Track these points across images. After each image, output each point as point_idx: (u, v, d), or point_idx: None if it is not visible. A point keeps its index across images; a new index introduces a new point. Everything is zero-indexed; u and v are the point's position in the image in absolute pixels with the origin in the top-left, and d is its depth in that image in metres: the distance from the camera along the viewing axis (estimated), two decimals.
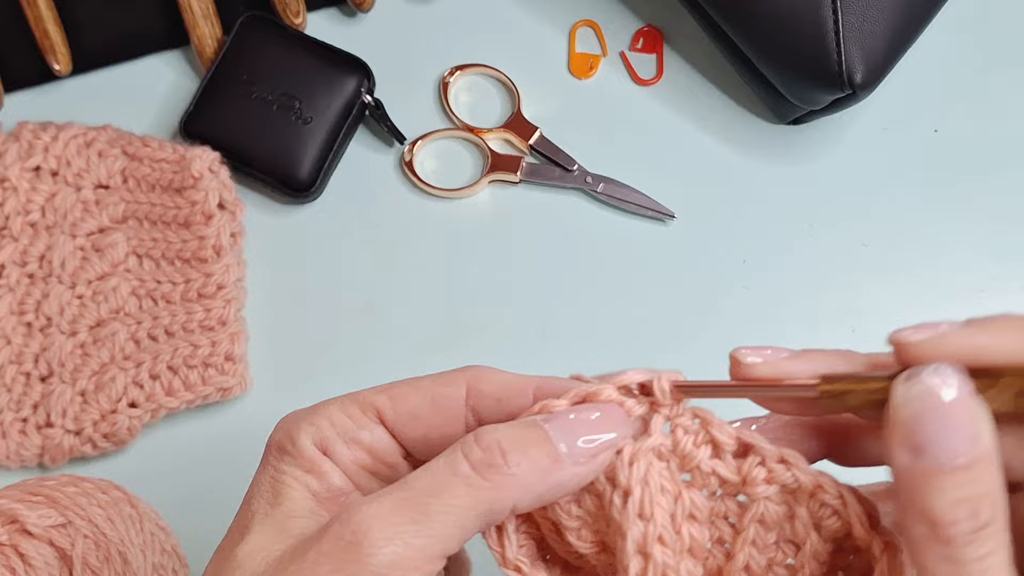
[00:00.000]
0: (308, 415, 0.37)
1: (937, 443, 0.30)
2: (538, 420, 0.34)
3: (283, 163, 0.61)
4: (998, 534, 0.30)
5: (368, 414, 0.36)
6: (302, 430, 0.36)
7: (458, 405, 0.37)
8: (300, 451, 0.36)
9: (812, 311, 0.61)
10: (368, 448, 0.36)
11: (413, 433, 0.37)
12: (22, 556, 0.48)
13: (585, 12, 0.66)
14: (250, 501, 0.36)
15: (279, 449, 0.36)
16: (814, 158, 0.64)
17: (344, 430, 0.36)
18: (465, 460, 0.33)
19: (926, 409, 0.30)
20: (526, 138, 0.63)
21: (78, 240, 0.60)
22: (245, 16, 0.63)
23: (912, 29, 0.60)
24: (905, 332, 0.32)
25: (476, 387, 0.37)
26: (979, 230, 0.62)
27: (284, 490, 0.35)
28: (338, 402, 0.37)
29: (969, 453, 0.30)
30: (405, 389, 0.37)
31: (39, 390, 0.58)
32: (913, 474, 0.30)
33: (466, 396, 0.37)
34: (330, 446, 0.36)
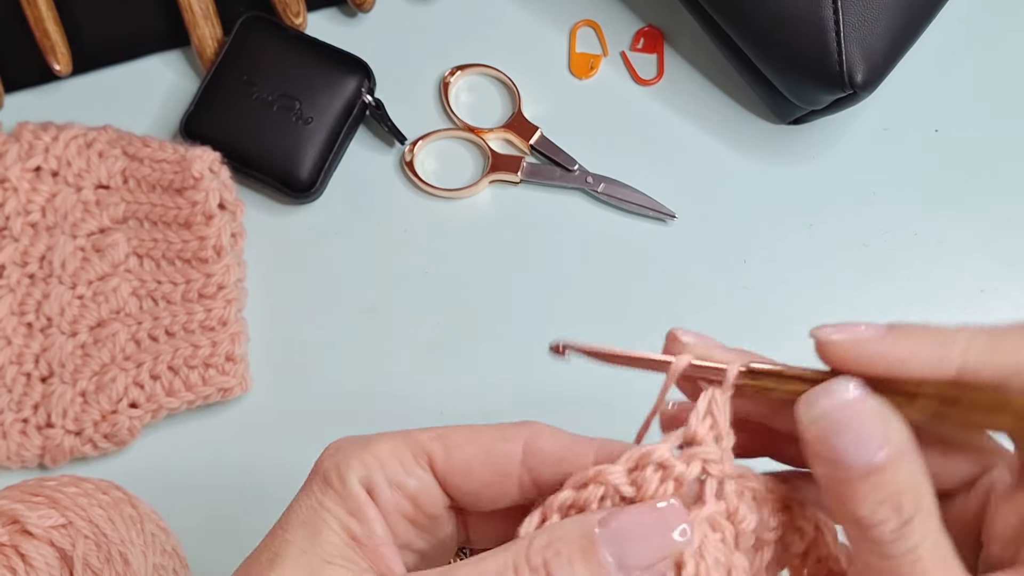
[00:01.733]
0: (360, 449, 0.35)
1: (847, 454, 0.31)
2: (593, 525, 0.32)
3: (283, 163, 0.61)
4: (925, 522, 0.31)
5: (420, 460, 0.35)
6: (352, 468, 0.35)
7: (514, 463, 0.35)
8: (347, 490, 0.35)
9: (812, 311, 0.61)
10: (413, 497, 0.35)
11: (464, 486, 0.36)
12: (23, 557, 0.48)
13: (586, 12, 0.66)
14: (287, 527, 0.35)
15: (325, 480, 0.35)
16: (814, 158, 0.64)
17: (393, 474, 0.35)
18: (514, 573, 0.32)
19: (829, 425, 0.32)
20: (527, 138, 0.63)
21: (78, 240, 0.60)
22: (245, 16, 0.63)
23: (912, 29, 0.59)
24: (826, 330, 0.34)
25: (535, 445, 0.35)
26: (979, 230, 0.63)
27: (324, 528, 0.34)
28: (390, 441, 0.36)
29: (879, 456, 0.31)
30: (461, 439, 0.36)
31: (40, 391, 0.58)
32: (833, 484, 0.32)
33: (523, 454, 0.36)
34: (376, 489, 0.35)
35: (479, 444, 0.35)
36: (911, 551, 0.31)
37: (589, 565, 0.32)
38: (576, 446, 0.35)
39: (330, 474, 0.35)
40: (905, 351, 0.33)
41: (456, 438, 0.36)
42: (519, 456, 0.35)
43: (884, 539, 0.31)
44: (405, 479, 0.35)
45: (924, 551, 0.31)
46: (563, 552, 0.32)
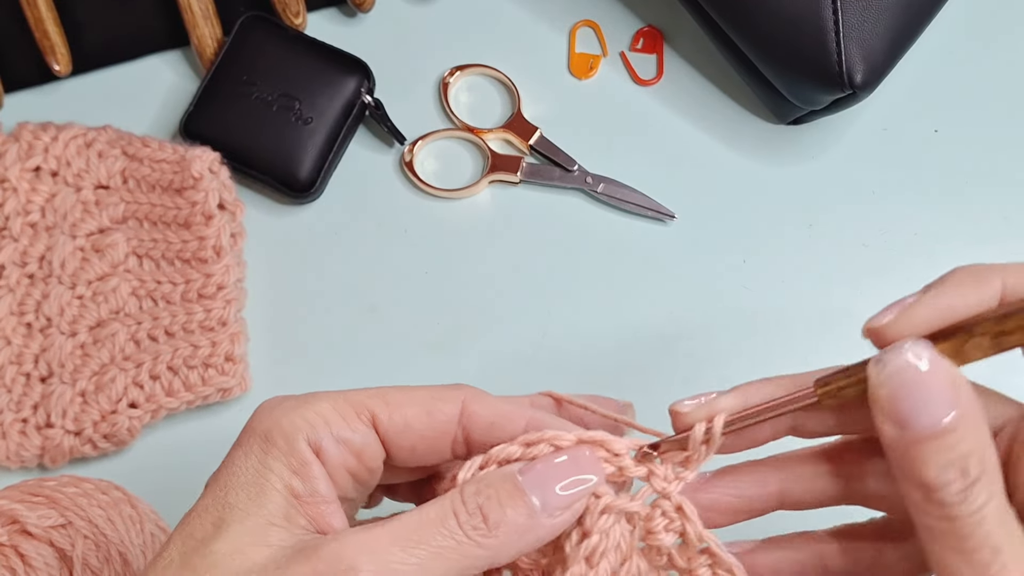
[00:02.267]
0: (300, 408, 0.36)
1: (916, 415, 0.32)
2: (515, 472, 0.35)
3: (283, 163, 0.61)
4: (990, 484, 0.32)
5: (362, 417, 0.37)
6: (297, 427, 0.35)
7: (451, 421, 0.37)
8: (292, 447, 0.35)
9: (812, 311, 0.61)
10: (357, 451, 0.37)
11: (403, 442, 0.37)
12: (22, 557, 0.48)
13: (585, 12, 0.66)
14: (227, 489, 0.35)
15: (267, 440, 0.36)
16: (814, 158, 0.64)
17: (337, 430, 0.36)
18: (454, 517, 0.34)
19: (899, 385, 0.32)
20: (526, 138, 0.63)
21: (78, 240, 0.60)
22: (245, 16, 0.63)
23: (912, 29, 0.59)
24: (876, 318, 0.35)
25: (471, 408, 0.37)
26: (979, 230, 0.62)
27: (268, 489, 0.35)
28: (330, 399, 0.37)
29: (947, 417, 0.32)
30: (400, 397, 0.37)
31: (39, 391, 0.58)
32: (900, 446, 0.32)
33: (460, 415, 0.37)
34: (323, 446, 0.36)
35: (419, 403, 0.37)
36: (976, 512, 0.32)
37: (518, 506, 0.34)
38: (510, 413, 0.38)
39: (272, 433, 0.35)
40: (950, 299, 0.34)
41: (396, 396, 0.37)
42: (457, 416, 0.37)
43: (949, 500, 0.32)
44: (351, 434, 0.36)
45: (988, 512, 0.32)
46: (493, 496, 0.34)
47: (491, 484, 0.35)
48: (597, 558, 0.36)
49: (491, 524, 0.34)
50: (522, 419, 0.38)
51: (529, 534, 0.35)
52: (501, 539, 0.34)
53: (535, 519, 0.35)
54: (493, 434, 0.37)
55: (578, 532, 0.36)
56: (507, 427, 0.37)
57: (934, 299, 0.34)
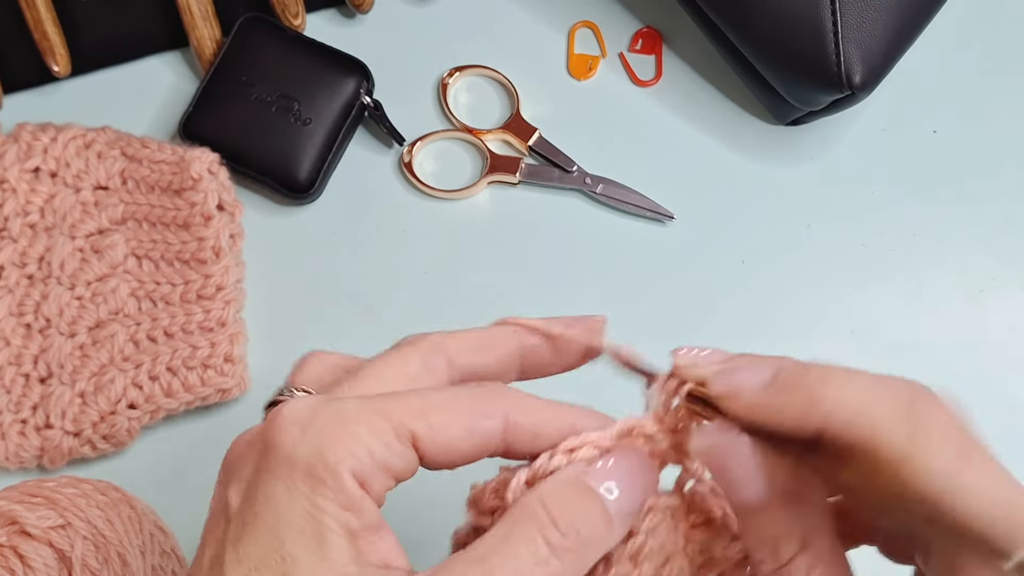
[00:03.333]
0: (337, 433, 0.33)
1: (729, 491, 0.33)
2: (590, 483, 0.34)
3: (282, 164, 0.61)
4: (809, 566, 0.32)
5: (403, 442, 0.34)
6: (340, 459, 0.32)
7: (495, 439, 0.35)
8: (341, 486, 0.32)
9: (812, 311, 0.61)
10: (397, 475, 0.34)
11: (442, 460, 0.35)
12: (21, 557, 0.48)
13: (584, 13, 0.66)
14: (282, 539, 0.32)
15: (311, 476, 0.32)
16: (813, 159, 0.64)
17: (382, 461, 0.33)
18: (546, 546, 0.32)
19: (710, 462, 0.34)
20: (525, 139, 0.63)
21: (77, 241, 0.60)
22: (244, 17, 0.63)
23: (911, 29, 0.60)
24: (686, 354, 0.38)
25: (513, 420, 0.35)
26: (979, 230, 0.63)
27: (328, 535, 0.32)
28: (368, 420, 0.33)
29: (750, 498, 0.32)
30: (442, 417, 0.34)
31: (38, 391, 0.58)
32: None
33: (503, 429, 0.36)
34: (368, 480, 0.33)
35: (461, 422, 0.35)
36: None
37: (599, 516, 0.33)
38: (551, 421, 0.36)
39: (317, 469, 0.32)
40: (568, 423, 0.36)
41: (437, 417, 0.34)
42: (500, 432, 0.35)
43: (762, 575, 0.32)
44: (393, 461, 0.33)
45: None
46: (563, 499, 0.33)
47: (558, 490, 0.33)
48: (642, 558, 0.35)
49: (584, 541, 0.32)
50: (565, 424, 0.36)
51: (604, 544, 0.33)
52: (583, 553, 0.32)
53: (611, 528, 0.33)
54: (536, 443, 0.36)
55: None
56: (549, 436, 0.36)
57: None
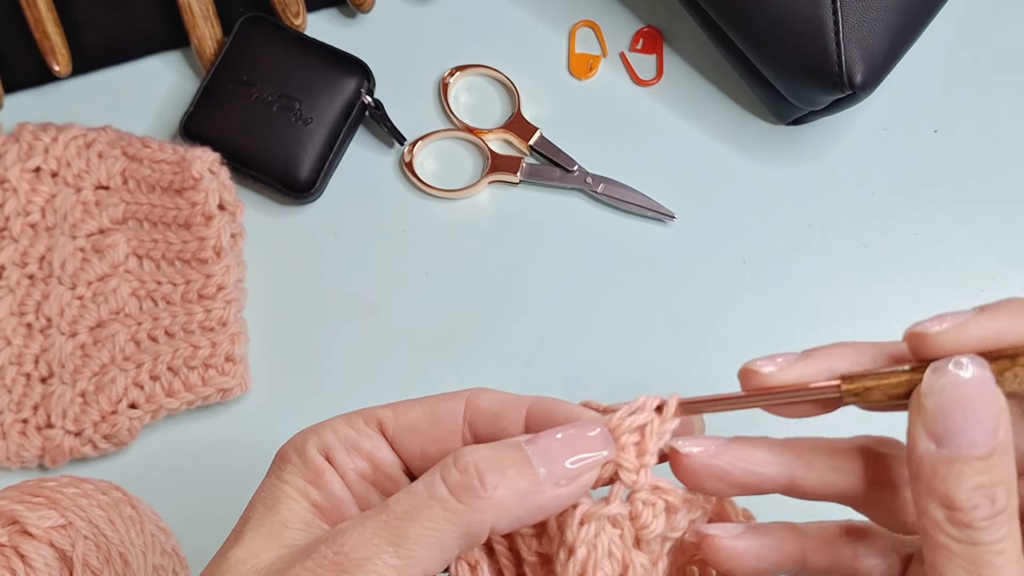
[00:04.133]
0: (315, 428, 0.38)
1: (960, 433, 0.32)
2: (520, 441, 0.35)
3: (283, 164, 0.61)
4: (1012, 519, 0.32)
5: (370, 425, 0.37)
6: (308, 440, 0.37)
7: (456, 419, 0.37)
8: (305, 459, 0.36)
9: (812, 311, 0.61)
10: (368, 456, 0.37)
11: (412, 445, 0.37)
12: (22, 557, 0.48)
13: (585, 13, 0.66)
14: (249, 508, 0.37)
15: (283, 459, 0.37)
16: (814, 158, 0.64)
17: (346, 438, 0.37)
18: (443, 483, 0.33)
19: (952, 400, 0.32)
20: (526, 139, 0.63)
21: (78, 241, 0.60)
22: (245, 17, 0.63)
23: (912, 29, 0.60)
24: (924, 324, 0.34)
25: (474, 403, 0.37)
26: (979, 230, 0.63)
27: (282, 498, 0.36)
28: (344, 416, 0.38)
29: (989, 443, 0.31)
30: (408, 403, 0.38)
31: (39, 391, 0.58)
32: (935, 462, 0.32)
33: (464, 411, 0.37)
34: (332, 453, 0.37)
35: (425, 406, 0.37)
36: (998, 542, 0.32)
37: (521, 471, 0.33)
38: (511, 402, 0.37)
39: (288, 452, 0.37)
40: (1004, 325, 0.33)
41: (404, 403, 0.38)
42: (461, 413, 0.37)
43: (975, 525, 0.31)
44: (359, 440, 0.37)
45: (1008, 544, 0.32)
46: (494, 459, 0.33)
47: (494, 447, 0.34)
48: (591, 571, 0.34)
49: (488, 484, 0.33)
50: (523, 405, 0.37)
51: (530, 499, 0.33)
52: (499, 500, 0.33)
53: (539, 485, 0.34)
54: (497, 424, 0.37)
55: (564, 551, 0.35)
56: (510, 416, 0.37)
57: (989, 320, 0.33)
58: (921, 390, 0.32)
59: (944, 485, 0.32)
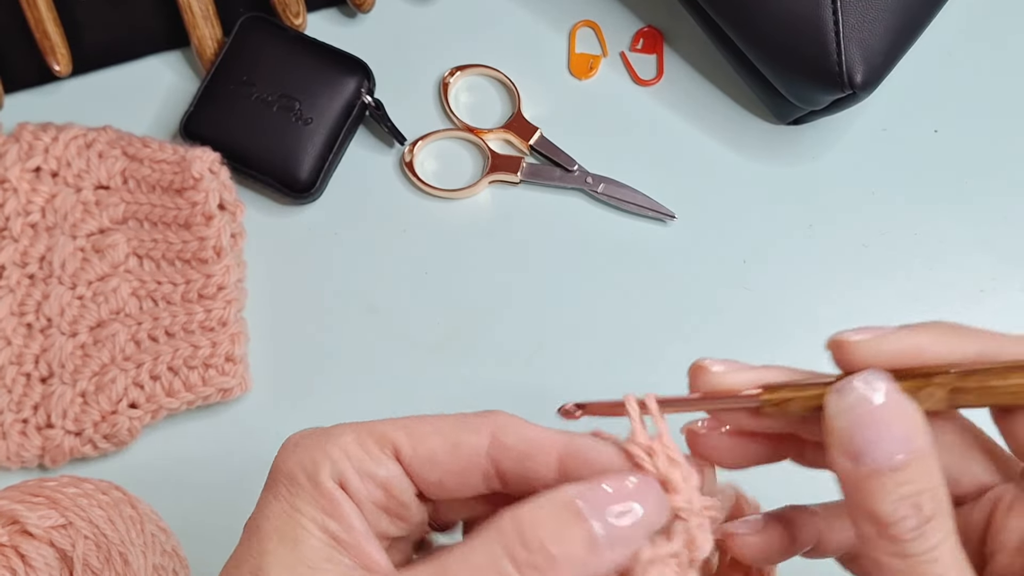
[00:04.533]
0: (321, 443, 0.35)
1: (873, 448, 0.31)
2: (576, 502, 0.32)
3: (283, 164, 0.61)
4: (944, 523, 0.32)
5: (385, 450, 0.35)
6: (319, 463, 0.34)
7: (479, 454, 0.35)
8: (320, 488, 0.34)
9: (812, 311, 0.61)
10: (383, 484, 0.35)
11: (430, 476, 0.35)
12: (23, 557, 0.48)
13: (585, 12, 0.66)
14: (262, 537, 0.34)
15: (293, 481, 0.34)
16: (814, 158, 0.64)
17: (360, 464, 0.35)
18: (509, 561, 0.31)
19: (858, 416, 0.32)
20: (526, 138, 0.63)
21: (78, 241, 0.60)
22: (245, 17, 0.63)
23: (912, 29, 0.60)
24: (845, 333, 0.34)
25: (500, 440, 0.35)
26: (979, 230, 0.63)
27: (301, 533, 0.34)
28: (352, 432, 0.35)
29: (904, 453, 0.31)
30: (425, 429, 0.35)
31: (39, 391, 0.58)
32: (855, 479, 0.32)
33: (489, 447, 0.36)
34: (348, 482, 0.34)
35: (445, 436, 0.35)
36: (930, 551, 0.31)
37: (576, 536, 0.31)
38: (541, 443, 0.35)
39: (297, 474, 0.34)
40: (925, 343, 0.33)
41: (420, 427, 0.35)
42: (485, 448, 0.35)
43: (903, 537, 0.31)
44: (374, 468, 0.35)
45: (942, 552, 0.31)
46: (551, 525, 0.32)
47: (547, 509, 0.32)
48: None
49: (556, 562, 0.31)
50: (555, 447, 0.35)
51: (588, 569, 0.32)
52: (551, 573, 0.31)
53: (597, 551, 0.32)
54: (526, 466, 0.35)
55: None
56: (540, 457, 0.35)
57: (909, 336, 0.33)
58: (827, 412, 0.32)
59: (868, 501, 0.31)
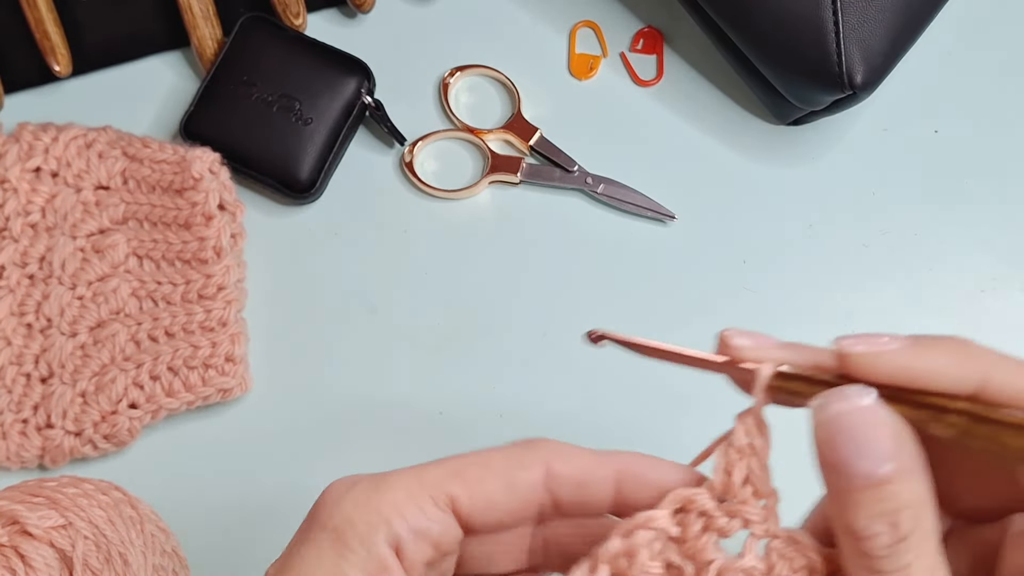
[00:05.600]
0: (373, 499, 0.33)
1: (850, 462, 0.31)
2: None
3: (283, 164, 0.61)
4: (921, 543, 0.31)
5: (440, 503, 0.34)
6: (374, 526, 0.33)
7: (537, 491, 0.34)
8: (373, 554, 0.32)
9: (812, 311, 0.61)
10: (435, 542, 0.34)
11: (487, 519, 0.34)
12: (22, 557, 0.48)
13: (585, 13, 0.66)
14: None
15: (339, 540, 0.33)
16: (814, 159, 0.64)
17: (416, 522, 0.33)
18: None
19: (838, 431, 0.31)
20: (526, 139, 0.63)
21: (78, 241, 0.60)
22: (245, 17, 0.63)
23: (912, 29, 0.60)
24: (847, 341, 0.33)
25: (554, 470, 0.35)
26: (979, 230, 0.63)
27: None
28: (404, 485, 0.34)
29: (883, 470, 0.30)
30: (478, 472, 0.34)
31: (39, 391, 0.58)
32: (836, 492, 0.31)
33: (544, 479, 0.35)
34: (404, 548, 0.33)
35: (499, 476, 0.34)
36: (902, 570, 0.31)
37: None
38: (595, 468, 0.35)
39: (346, 533, 0.33)
40: (925, 363, 0.32)
41: (473, 472, 0.34)
42: (541, 483, 0.35)
43: (876, 553, 0.31)
44: (429, 525, 0.33)
45: (915, 571, 0.31)
46: None
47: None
48: None
49: None
50: (611, 470, 0.35)
51: None
52: None
53: None
54: (583, 494, 0.35)
55: None
56: (596, 485, 0.35)
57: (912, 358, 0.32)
58: (813, 420, 0.32)
59: (845, 515, 0.31)
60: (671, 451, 0.38)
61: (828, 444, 0.31)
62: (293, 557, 0.33)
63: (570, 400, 0.60)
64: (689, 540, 0.34)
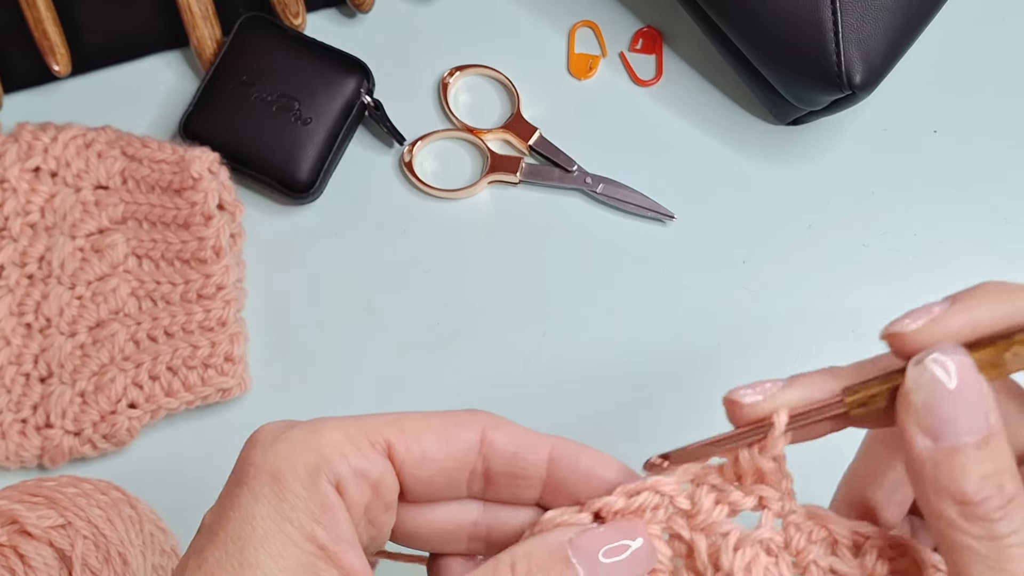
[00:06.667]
0: (310, 440, 0.33)
1: (955, 422, 0.30)
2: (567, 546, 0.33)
3: (283, 164, 0.61)
4: (1021, 508, 0.30)
5: (377, 446, 0.33)
6: (315, 466, 0.32)
7: (472, 449, 0.35)
8: (315, 492, 0.32)
9: (812, 311, 0.61)
10: (374, 483, 0.33)
11: (421, 473, 0.34)
12: (22, 557, 0.48)
13: (584, 13, 0.66)
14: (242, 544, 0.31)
15: (277, 481, 0.32)
16: (814, 158, 0.64)
17: (357, 466, 0.33)
18: None
19: (938, 392, 0.30)
20: (525, 139, 0.63)
21: (77, 241, 0.60)
22: (244, 17, 0.63)
23: (912, 29, 0.60)
24: (900, 322, 0.33)
25: (491, 436, 0.35)
26: (979, 230, 0.62)
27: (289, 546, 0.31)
28: (342, 427, 0.33)
29: (985, 430, 0.30)
30: (416, 424, 0.34)
31: (39, 391, 0.58)
32: (936, 458, 0.30)
33: (480, 443, 0.35)
34: (345, 487, 0.32)
35: (438, 431, 0.34)
36: (1016, 532, 0.30)
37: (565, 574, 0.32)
38: (531, 441, 0.35)
39: (284, 474, 0.32)
40: (979, 313, 0.32)
41: (411, 423, 0.34)
42: (477, 445, 0.35)
43: (991, 516, 0.30)
44: (368, 464, 0.33)
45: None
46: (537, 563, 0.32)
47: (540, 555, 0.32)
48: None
49: None
50: (546, 446, 0.35)
51: None
52: None
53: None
54: (516, 464, 0.35)
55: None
56: (530, 456, 0.35)
57: (963, 311, 0.32)
58: (906, 387, 0.31)
59: (951, 480, 0.30)
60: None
61: (928, 407, 0.31)
62: (229, 502, 0.32)
63: (570, 400, 0.60)
64: (702, 513, 0.34)
